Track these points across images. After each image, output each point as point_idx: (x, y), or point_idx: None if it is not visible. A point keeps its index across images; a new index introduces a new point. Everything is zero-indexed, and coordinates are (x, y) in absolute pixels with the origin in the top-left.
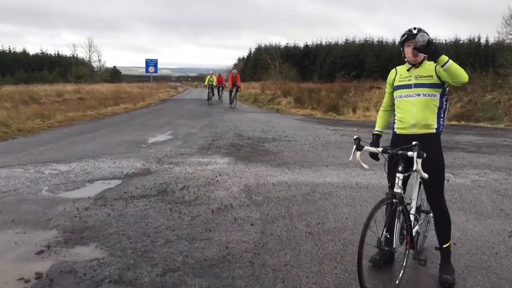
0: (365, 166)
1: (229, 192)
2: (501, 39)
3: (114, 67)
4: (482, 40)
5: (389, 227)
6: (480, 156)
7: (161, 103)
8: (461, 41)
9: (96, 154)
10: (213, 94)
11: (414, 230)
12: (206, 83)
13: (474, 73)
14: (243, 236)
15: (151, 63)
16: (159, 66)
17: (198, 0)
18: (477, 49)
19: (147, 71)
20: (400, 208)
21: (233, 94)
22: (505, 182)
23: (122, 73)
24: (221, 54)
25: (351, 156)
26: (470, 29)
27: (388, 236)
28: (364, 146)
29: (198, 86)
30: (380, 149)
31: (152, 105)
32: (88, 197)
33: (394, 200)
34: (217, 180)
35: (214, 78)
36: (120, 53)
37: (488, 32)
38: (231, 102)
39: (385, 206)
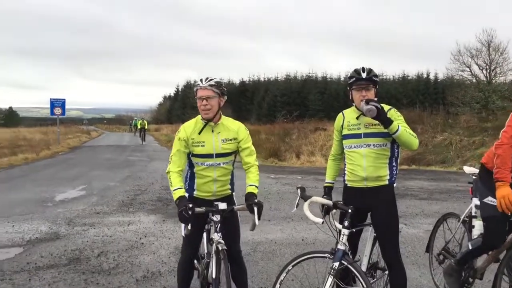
0: (317, 220)
1: (157, 256)
2: (450, 75)
3: (10, 108)
4: (431, 76)
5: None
6: (432, 203)
7: (70, 151)
8: (409, 77)
9: None
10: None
11: None
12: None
13: (424, 111)
14: None
15: (57, 103)
16: (67, 106)
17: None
18: (426, 86)
19: (52, 113)
20: (334, 265)
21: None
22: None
23: (20, 115)
24: (140, 91)
25: (294, 208)
26: (418, 66)
27: None
28: (311, 196)
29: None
30: (330, 202)
31: (59, 154)
32: None
33: (327, 256)
34: (142, 243)
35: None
36: (17, 92)
37: (437, 68)
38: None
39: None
